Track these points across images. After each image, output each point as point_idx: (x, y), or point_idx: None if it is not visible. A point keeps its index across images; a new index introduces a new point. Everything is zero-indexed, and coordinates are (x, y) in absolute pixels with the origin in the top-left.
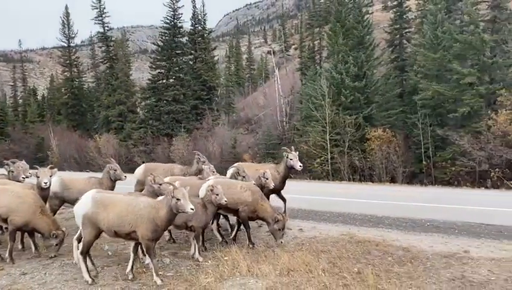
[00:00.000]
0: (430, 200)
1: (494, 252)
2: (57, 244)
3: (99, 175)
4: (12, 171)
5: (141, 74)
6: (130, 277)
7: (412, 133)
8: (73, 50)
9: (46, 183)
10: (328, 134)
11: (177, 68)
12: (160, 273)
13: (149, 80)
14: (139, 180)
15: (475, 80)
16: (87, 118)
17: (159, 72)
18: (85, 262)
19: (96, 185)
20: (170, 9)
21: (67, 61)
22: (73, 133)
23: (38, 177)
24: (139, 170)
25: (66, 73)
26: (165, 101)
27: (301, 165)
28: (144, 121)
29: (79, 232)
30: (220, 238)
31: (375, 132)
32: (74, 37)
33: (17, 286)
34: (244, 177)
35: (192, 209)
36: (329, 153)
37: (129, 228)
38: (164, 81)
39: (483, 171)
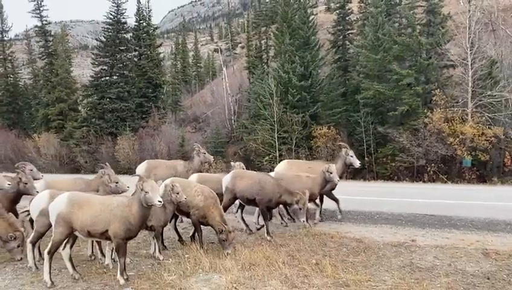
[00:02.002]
0: (375, 194)
1: (438, 240)
2: (19, 246)
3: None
4: None
5: (82, 70)
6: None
7: (355, 130)
8: (8, 44)
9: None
10: (276, 132)
11: (121, 65)
12: None
13: (91, 76)
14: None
15: (413, 80)
16: (23, 116)
17: (101, 69)
18: (50, 262)
19: (82, 186)
20: (113, 4)
21: (1, 56)
22: (8, 132)
23: None
24: (142, 167)
25: None
26: (108, 99)
27: (360, 162)
28: (86, 119)
29: (33, 234)
30: (178, 237)
31: (320, 129)
32: (8, 30)
33: None
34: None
35: (160, 201)
36: (277, 151)
37: (102, 227)
38: (107, 78)
39: (420, 166)
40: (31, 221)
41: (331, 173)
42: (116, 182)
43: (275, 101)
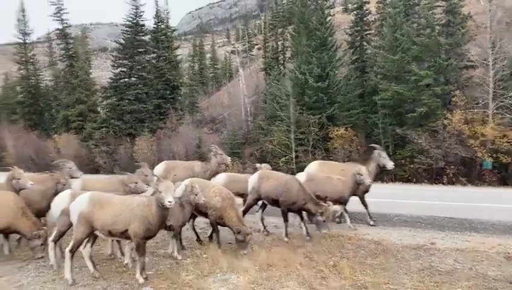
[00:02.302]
0: (394, 196)
1: (458, 243)
2: (42, 244)
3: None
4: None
5: (101, 72)
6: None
7: (373, 132)
8: (30, 47)
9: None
10: (292, 133)
11: (139, 67)
12: None
13: (110, 78)
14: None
15: (432, 81)
16: (45, 117)
17: (120, 71)
18: (71, 261)
19: (117, 186)
20: (132, 7)
21: (23, 59)
22: (30, 133)
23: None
24: (160, 167)
25: (21, 71)
26: (127, 101)
27: (393, 164)
28: (105, 120)
29: (54, 233)
30: (196, 237)
31: (337, 131)
32: (30, 33)
33: None
34: None
35: (170, 202)
36: (293, 152)
37: (123, 227)
38: (126, 80)
39: (439, 168)
40: None
41: (361, 175)
42: (136, 182)
43: (291, 102)
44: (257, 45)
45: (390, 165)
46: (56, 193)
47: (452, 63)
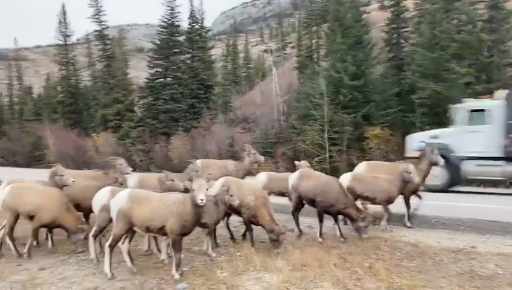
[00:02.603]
0: (432, 197)
1: (500, 247)
2: (84, 239)
3: None
4: (62, 176)
5: (137, 72)
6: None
7: (410, 132)
8: (70, 48)
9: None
10: (326, 133)
11: (174, 67)
12: None
13: (146, 78)
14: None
15: (473, 79)
16: (84, 116)
17: (156, 71)
18: (110, 256)
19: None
20: (168, 8)
21: (64, 60)
22: (70, 131)
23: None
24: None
25: (62, 71)
26: (162, 100)
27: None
28: (141, 119)
29: (94, 228)
30: (230, 235)
31: (373, 130)
32: (71, 35)
33: (38, 280)
34: None
35: (202, 200)
36: (327, 152)
37: (160, 223)
38: (162, 80)
39: None
40: None
41: (410, 173)
42: (172, 180)
43: (325, 101)
44: (291, 43)
45: (441, 162)
46: None
47: (495, 60)
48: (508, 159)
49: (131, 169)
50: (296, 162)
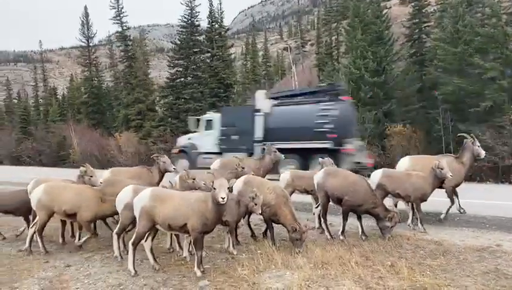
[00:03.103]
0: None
1: None
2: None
3: None
4: (91, 176)
5: (158, 72)
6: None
7: (433, 128)
8: (93, 50)
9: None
10: None
11: (194, 66)
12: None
13: (167, 78)
14: None
15: (498, 73)
16: (106, 116)
17: (177, 71)
18: (133, 253)
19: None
20: (187, 8)
21: (87, 61)
22: (93, 131)
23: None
24: (215, 165)
25: (85, 72)
26: (183, 100)
27: (485, 152)
28: (162, 119)
29: (118, 226)
30: (251, 233)
31: (395, 127)
32: (93, 37)
33: (65, 277)
34: None
35: (223, 198)
36: None
37: (182, 221)
38: (182, 79)
39: (506, 166)
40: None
41: (442, 169)
42: (194, 179)
43: None
44: (310, 41)
45: (483, 154)
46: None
47: None
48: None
49: (174, 167)
50: (320, 159)
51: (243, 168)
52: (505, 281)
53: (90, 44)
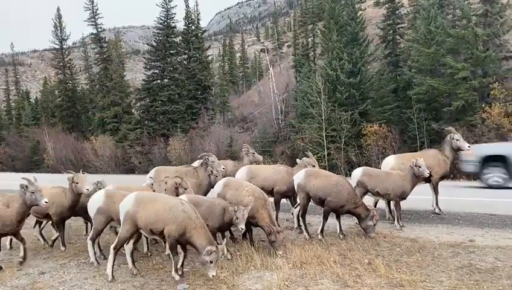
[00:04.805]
0: (430, 193)
1: (499, 241)
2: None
3: None
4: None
5: (134, 74)
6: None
7: (408, 127)
8: (66, 52)
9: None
10: (324, 130)
11: (171, 68)
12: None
13: (143, 80)
14: None
15: (468, 73)
16: (81, 120)
17: (153, 73)
18: (114, 258)
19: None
20: (163, 9)
21: (60, 64)
22: (68, 135)
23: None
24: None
25: (59, 75)
26: (160, 102)
27: (469, 145)
28: (139, 121)
29: (92, 231)
30: (229, 235)
31: (371, 127)
32: (67, 39)
33: (39, 284)
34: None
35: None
36: (325, 150)
37: (162, 226)
38: (159, 81)
39: None
40: None
41: (419, 167)
42: (185, 189)
43: (322, 99)
44: (287, 42)
45: (466, 146)
46: (211, 186)
47: (491, 54)
48: None
49: (223, 167)
50: (303, 158)
51: (216, 176)
52: (478, 275)
53: (64, 46)
